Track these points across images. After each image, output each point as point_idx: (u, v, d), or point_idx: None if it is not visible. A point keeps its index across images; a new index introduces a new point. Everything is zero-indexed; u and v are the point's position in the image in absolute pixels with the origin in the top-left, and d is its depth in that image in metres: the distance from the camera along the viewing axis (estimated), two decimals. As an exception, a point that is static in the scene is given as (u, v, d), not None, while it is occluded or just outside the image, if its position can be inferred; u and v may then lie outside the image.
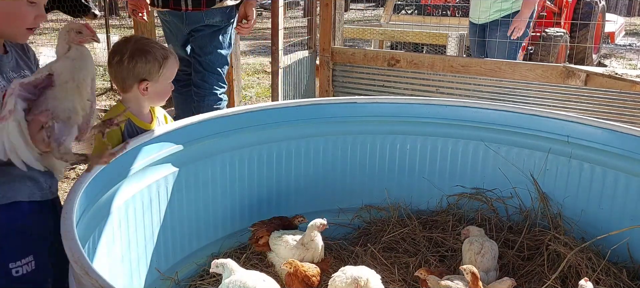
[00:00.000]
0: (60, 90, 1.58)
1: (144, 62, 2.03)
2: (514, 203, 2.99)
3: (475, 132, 3.01)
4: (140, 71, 2.04)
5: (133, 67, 2.03)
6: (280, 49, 4.70)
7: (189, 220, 2.62)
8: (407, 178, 3.14)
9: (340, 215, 3.11)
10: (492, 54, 5.33)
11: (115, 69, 2.06)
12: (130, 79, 2.06)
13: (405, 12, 9.14)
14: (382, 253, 2.83)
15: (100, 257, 1.95)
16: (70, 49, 1.59)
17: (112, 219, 2.07)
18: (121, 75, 2.06)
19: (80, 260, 1.40)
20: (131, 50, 2.02)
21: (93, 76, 1.66)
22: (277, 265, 2.62)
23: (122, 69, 2.04)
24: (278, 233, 2.71)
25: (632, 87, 3.91)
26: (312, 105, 3.02)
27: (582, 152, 2.75)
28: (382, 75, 4.93)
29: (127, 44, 2.06)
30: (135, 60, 2.02)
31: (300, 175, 3.02)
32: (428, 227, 3.04)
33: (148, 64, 2.04)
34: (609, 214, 2.68)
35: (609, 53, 12.19)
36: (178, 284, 2.51)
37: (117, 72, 2.07)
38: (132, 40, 2.09)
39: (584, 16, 8.42)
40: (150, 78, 2.06)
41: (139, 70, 2.04)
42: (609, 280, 2.42)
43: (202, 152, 2.62)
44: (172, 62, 2.11)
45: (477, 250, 2.53)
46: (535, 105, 4.09)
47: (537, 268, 2.60)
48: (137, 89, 2.08)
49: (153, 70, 2.05)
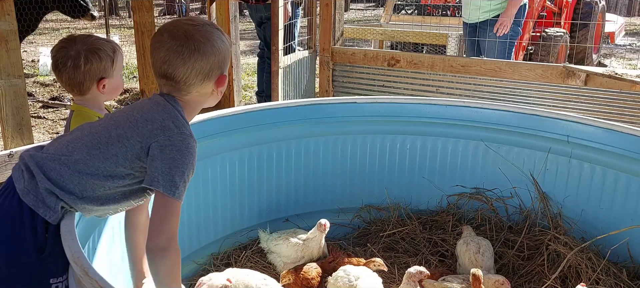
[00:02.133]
0: None
1: (99, 61, 1.96)
2: (514, 203, 2.99)
3: (475, 132, 3.01)
4: (97, 70, 1.96)
5: (89, 69, 1.94)
6: (280, 49, 4.70)
7: (189, 220, 2.61)
8: (407, 178, 3.14)
9: (340, 215, 3.11)
10: (487, 54, 5.34)
11: (70, 73, 1.95)
12: (88, 80, 1.97)
13: (405, 12, 9.14)
14: (382, 253, 2.83)
15: (100, 257, 1.95)
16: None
17: (112, 219, 2.06)
18: (78, 79, 1.95)
19: (80, 260, 1.40)
20: (84, 52, 1.94)
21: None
22: (278, 265, 2.61)
23: (78, 73, 1.94)
24: (278, 234, 2.71)
25: (632, 87, 3.91)
26: (312, 105, 3.02)
27: (582, 152, 2.75)
28: (382, 75, 4.93)
29: (74, 46, 1.95)
30: (90, 60, 1.94)
31: (301, 175, 3.02)
32: (428, 227, 3.04)
33: (103, 61, 1.96)
34: (609, 214, 2.68)
35: (609, 53, 12.19)
36: (178, 284, 2.51)
37: (73, 77, 1.95)
38: (78, 42, 1.98)
39: (584, 16, 8.42)
40: (107, 75, 1.99)
41: (95, 70, 1.96)
42: (609, 280, 2.41)
43: (202, 152, 2.62)
44: (119, 55, 2.04)
45: (476, 250, 2.53)
46: (535, 105, 4.08)
47: (537, 268, 2.60)
48: (95, 88, 1.99)
49: (108, 66, 1.98)
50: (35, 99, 6.93)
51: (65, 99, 6.94)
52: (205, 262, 2.70)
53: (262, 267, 2.69)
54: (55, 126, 5.85)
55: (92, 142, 1.60)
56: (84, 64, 1.93)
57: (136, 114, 1.61)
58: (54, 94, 7.30)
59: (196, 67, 1.57)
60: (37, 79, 8.22)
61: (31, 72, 8.78)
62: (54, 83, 7.99)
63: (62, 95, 7.08)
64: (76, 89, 1.99)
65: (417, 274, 2.26)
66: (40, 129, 5.72)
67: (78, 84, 1.97)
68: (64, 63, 1.94)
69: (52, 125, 5.90)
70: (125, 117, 1.62)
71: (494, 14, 5.27)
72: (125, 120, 1.61)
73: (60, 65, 1.95)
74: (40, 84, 7.91)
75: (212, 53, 1.59)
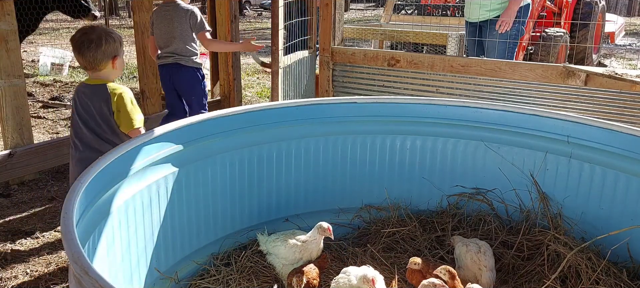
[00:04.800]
0: None
1: (113, 42, 2.55)
2: (514, 203, 2.99)
3: (475, 132, 3.01)
4: (111, 50, 2.55)
5: (106, 49, 2.52)
6: (280, 49, 4.70)
7: (189, 220, 2.61)
8: (407, 178, 3.14)
9: (340, 215, 3.11)
10: (489, 53, 5.34)
11: (91, 53, 2.51)
12: (105, 58, 2.54)
13: (405, 12, 9.13)
14: (382, 254, 2.83)
15: (100, 257, 1.95)
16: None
17: (112, 219, 2.06)
18: (98, 57, 2.52)
19: (80, 260, 1.40)
20: (100, 37, 2.51)
21: None
22: (277, 266, 2.61)
23: (98, 52, 2.51)
24: (276, 235, 2.71)
25: (632, 87, 3.90)
26: (312, 105, 3.02)
27: (582, 152, 2.75)
28: (382, 75, 4.92)
29: (92, 33, 2.52)
30: (108, 42, 2.53)
31: (300, 175, 3.02)
32: (428, 227, 3.04)
33: (114, 43, 2.56)
34: (609, 214, 2.68)
35: (609, 53, 12.19)
36: (178, 284, 2.51)
37: (93, 56, 2.51)
38: (94, 30, 2.55)
39: (584, 16, 8.42)
40: (118, 53, 2.59)
41: (110, 50, 2.54)
42: (609, 280, 2.41)
43: (202, 152, 2.62)
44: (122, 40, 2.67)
45: (477, 250, 2.54)
46: (535, 105, 4.08)
47: (537, 269, 2.60)
48: (110, 65, 2.57)
49: (118, 47, 2.59)
50: (35, 99, 6.93)
51: (65, 98, 6.94)
52: (205, 262, 2.71)
53: (262, 267, 2.69)
54: (55, 126, 5.85)
55: None
56: (104, 44, 2.51)
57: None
58: (54, 94, 7.31)
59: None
60: (37, 79, 8.23)
61: (31, 72, 8.78)
62: (54, 83, 7.99)
63: (62, 95, 7.08)
64: (96, 67, 2.55)
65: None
66: (40, 128, 5.72)
67: (98, 61, 2.53)
68: (87, 45, 2.50)
69: (52, 125, 5.90)
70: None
71: (496, 13, 5.27)
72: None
73: (84, 48, 2.50)
74: (40, 84, 7.91)
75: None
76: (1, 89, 4.03)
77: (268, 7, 22.72)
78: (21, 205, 3.93)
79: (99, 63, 2.54)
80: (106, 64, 2.56)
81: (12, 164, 4.07)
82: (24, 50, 10.75)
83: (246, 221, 2.89)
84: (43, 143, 4.43)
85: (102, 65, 2.55)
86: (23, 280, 2.99)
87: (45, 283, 2.96)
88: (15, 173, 4.14)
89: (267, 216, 2.97)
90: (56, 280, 2.99)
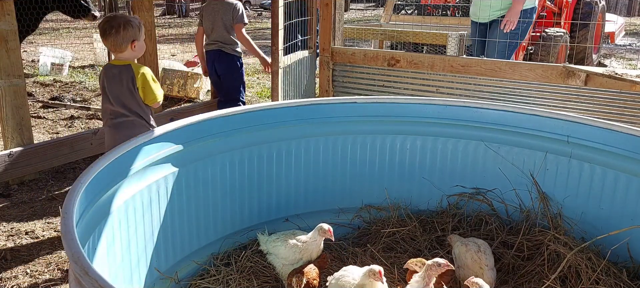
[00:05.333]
0: None
1: (132, 28, 2.92)
2: (514, 203, 2.99)
3: (475, 132, 3.01)
4: (131, 34, 2.92)
5: (126, 33, 2.90)
6: (280, 49, 4.70)
7: (189, 220, 2.61)
8: (407, 178, 3.14)
9: (340, 215, 3.11)
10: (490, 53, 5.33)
11: (114, 37, 2.90)
12: (126, 41, 2.92)
13: (405, 12, 9.13)
14: (382, 254, 2.83)
15: (100, 257, 1.95)
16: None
17: (112, 219, 2.06)
18: (118, 41, 2.90)
19: (80, 260, 1.40)
20: (121, 23, 2.89)
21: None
22: (277, 266, 2.61)
23: (119, 36, 2.89)
24: (276, 235, 2.71)
25: (632, 87, 3.90)
26: (312, 105, 3.02)
27: (582, 152, 2.75)
28: (382, 75, 4.93)
29: (114, 20, 2.91)
30: (126, 28, 2.90)
31: (300, 175, 3.02)
32: (428, 227, 3.04)
33: (133, 29, 2.93)
34: (609, 214, 2.68)
35: (609, 53, 12.19)
36: (178, 284, 2.51)
37: (115, 39, 2.90)
38: (116, 18, 2.94)
39: (584, 16, 8.42)
40: (137, 38, 2.96)
41: (129, 35, 2.92)
42: (609, 280, 2.41)
43: (202, 152, 2.62)
44: (142, 27, 3.04)
45: (476, 249, 2.54)
46: (535, 105, 4.08)
47: (537, 269, 2.60)
48: (129, 47, 2.94)
49: (137, 32, 2.95)
50: (35, 99, 6.93)
51: (65, 98, 6.94)
52: (205, 262, 2.71)
53: (262, 266, 2.69)
54: (55, 126, 5.85)
55: None
56: (123, 30, 2.89)
57: None
58: (54, 94, 7.30)
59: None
60: (37, 79, 8.22)
61: (31, 72, 8.78)
62: (54, 83, 8.00)
63: (62, 95, 7.08)
64: (118, 49, 2.94)
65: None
66: (40, 128, 5.72)
67: (119, 44, 2.92)
68: (109, 31, 2.89)
69: (52, 125, 5.90)
70: None
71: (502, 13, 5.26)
72: None
73: (107, 33, 2.91)
74: (40, 84, 7.91)
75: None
76: (1, 89, 4.03)
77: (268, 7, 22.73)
78: (21, 205, 3.93)
79: (120, 46, 2.92)
80: (126, 46, 2.94)
81: (12, 164, 4.07)
82: (24, 50, 10.75)
83: (246, 221, 2.89)
84: (43, 143, 4.43)
85: (123, 47, 2.93)
86: (23, 280, 2.99)
87: (45, 283, 2.96)
88: (15, 173, 4.14)
89: (267, 216, 2.97)
90: (56, 280, 2.99)
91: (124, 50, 2.95)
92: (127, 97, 2.95)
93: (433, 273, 2.19)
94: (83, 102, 6.98)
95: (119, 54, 2.98)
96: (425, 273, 2.20)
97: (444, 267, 2.17)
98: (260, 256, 2.74)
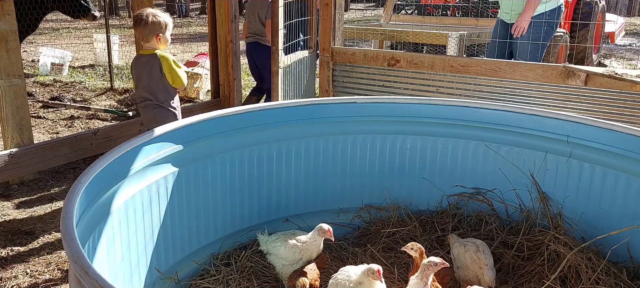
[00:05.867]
0: None
1: (157, 23, 3.37)
2: (514, 203, 2.99)
3: (475, 132, 3.01)
4: (156, 29, 3.38)
5: (152, 27, 3.36)
6: (280, 48, 4.70)
7: (189, 220, 2.61)
8: (407, 178, 3.14)
9: (340, 215, 3.11)
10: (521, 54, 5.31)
11: (141, 29, 3.37)
12: (151, 34, 3.38)
13: (405, 12, 9.14)
14: (382, 254, 2.83)
15: (100, 257, 1.95)
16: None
17: (112, 219, 2.06)
18: (144, 32, 3.37)
19: (80, 260, 1.40)
20: (148, 17, 3.36)
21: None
22: (277, 266, 2.61)
23: (145, 29, 3.36)
24: (276, 235, 2.71)
25: (632, 87, 3.90)
26: (312, 105, 3.02)
27: (582, 152, 2.75)
28: (382, 75, 4.92)
29: (143, 14, 3.38)
30: (152, 23, 3.36)
31: (300, 175, 3.02)
32: (428, 227, 3.04)
33: (159, 24, 3.38)
34: (609, 214, 2.68)
35: (609, 53, 12.19)
36: (178, 284, 2.51)
37: (142, 31, 3.37)
38: (147, 13, 3.38)
39: (584, 16, 8.42)
40: (162, 31, 3.40)
41: (154, 28, 3.37)
42: (609, 280, 2.41)
43: (202, 152, 2.62)
44: (171, 23, 3.49)
45: (475, 249, 2.54)
46: (535, 105, 4.08)
47: (537, 269, 2.60)
48: (155, 39, 3.39)
49: (162, 27, 3.39)
50: (35, 99, 6.93)
51: (65, 98, 6.94)
52: (205, 262, 2.71)
53: (262, 266, 2.69)
54: (55, 126, 5.85)
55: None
56: (150, 24, 3.35)
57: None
58: (54, 94, 7.31)
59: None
60: (37, 79, 8.23)
61: (31, 72, 8.79)
62: (54, 83, 8.00)
63: (62, 95, 7.08)
64: (145, 38, 3.41)
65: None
66: (40, 128, 5.72)
67: (146, 35, 3.38)
68: (138, 23, 3.38)
69: (52, 125, 5.90)
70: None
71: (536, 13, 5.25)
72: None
73: (136, 24, 3.41)
74: (40, 84, 7.91)
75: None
76: (1, 89, 4.03)
77: (268, 7, 22.65)
78: (21, 205, 3.93)
79: (146, 36, 3.39)
80: (152, 38, 3.39)
81: (12, 164, 4.07)
82: (24, 50, 10.76)
83: (246, 221, 2.89)
84: (43, 143, 4.43)
85: (149, 38, 3.40)
86: (23, 280, 2.99)
87: (45, 283, 2.96)
88: (15, 173, 4.14)
89: (267, 216, 2.97)
90: (56, 280, 2.99)
91: (149, 41, 3.41)
92: (155, 83, 3.40)
93: (430, 273, 2.19)
94: (83, 102, 6.98)
95: (146, 43, 3.45)
96: (422, 273, 2.20)
97: (440, 265, 2.18)
98: (260, 256, 2.74)
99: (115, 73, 8.21)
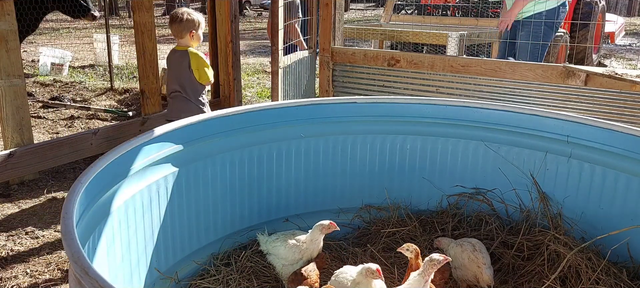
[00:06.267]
0: None
1: (190, 21, 3.71)
2: (514, 203, 2.99)
3: (475, 132, 3.01)
4: (189, 25, 3.72)
5: (186, 24, 3.71)
6: (280, 49, 4.70)
7: (189, 220, 2.61)
8: (407, 178, 3.14)
9: (340, 215, 3.11)
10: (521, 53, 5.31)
11: (175, 26, 3.73)
12: (185, 30, 3.73)
13: (405, 12, 9.14)
14: (382, 254, 2.83)
15: (100, 257, 1.95)
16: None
17: (112, 219, 2.06)
18: (180, 29, 3.72)
19: (80, 260, 1.40)
20: (182, 16, 3.70)
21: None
22: (277, 266, 2.61)
23: (180, 26, 3.71)
24: (276, 235, 2.71)
25: (632, 87, 3.90)
26: (312, 105, 3.02)
27: (582, 152, 2.75)
28: (382, 75, 4.92)
29: (178, 12, 3.74)
30: (186, 21, 3.71)
31: (300, 175, 3.02)
32: (428, 227, 3.04)
33: (192, 23, 3.72)
34: (609, 214, 2.68)
35: (609, 53, 12.19)
36: (178, 284, 2.51)
37: (177, 28, 3.72)
38: (183, 11, 3.76)
39: (584, 16, 8.42)
40: (195, 29, 3.74)
41: (189, 26, 3.72)
42: (609, 280, 2.41)
43: (202, 152, 2.62)
44: (203, 22, 3.85)
45: (472, 249, 2.54)
46: (535, 105, 4.08)
47: (537, 269, 2.60)
48: (188, 36, 3.74)
49: (195, 25, 3.74)
50: (35, 99, 6.93)
51: (65, 98, 6.94)
52: (205, 262, 2.71)
53: (262, 266, 2.69)
54: (55, 126, 5.85)
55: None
56: (184, 22, 3.70)
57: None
58: (54, 93, 7.30)
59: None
60: (37, 79, 8.22)
61: (31, 72, 8.78)
62: (54, 83, 8.00)
63: (62, 95, 7.08)
64: (179, 35, 3.76)
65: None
66: (40, 128, 5.72)
67: (179, 32, 3.73)
68: (173, 20, 3.73)
69: (52, 125, 5.90)
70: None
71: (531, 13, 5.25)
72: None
73: (171, 22, 3.76)
74: (40, 84, 7.91)
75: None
76: (1, 89, 4.03)
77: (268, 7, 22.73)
78: (21, 205, 3.93)
79: (180, 33, 3.73)
80: (185, 34, 3.73)
81: (12, 164, 4.07)
82: (24, 50, 10.75)
83: (246, 221, 2.89)
84: (43, 143, 4.43)
85: (183, 35, 3.74)
86: (23, 280, 2.99)
87: (45, 283, 2.96)
88: (15, 173, 4.14)
89: (267, 216, 2.97)
90: (56, 280, 2.99)
91: (183, 37, 3.75)
92: (185, 77, 3.73)
93: (431, 270, 2.19)
94: (83, 102, 6.98)
95: (180, 39, 3.77)
96: (424, 271, 2.20)
97: (443, 261, 2.17)
98: (260, 256, 2.74)
99: (115, 73, 8.21)
